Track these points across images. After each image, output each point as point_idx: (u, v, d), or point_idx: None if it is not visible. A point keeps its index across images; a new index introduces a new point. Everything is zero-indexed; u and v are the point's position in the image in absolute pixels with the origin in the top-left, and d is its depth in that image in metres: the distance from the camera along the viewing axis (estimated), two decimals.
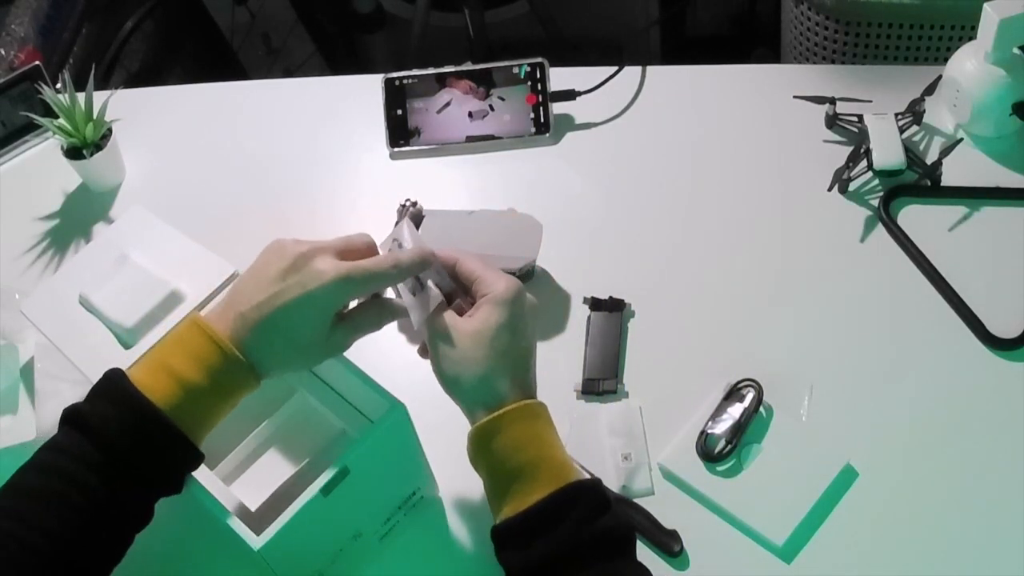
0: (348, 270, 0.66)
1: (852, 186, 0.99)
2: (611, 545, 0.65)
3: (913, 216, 0.96)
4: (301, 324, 0.67)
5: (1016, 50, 0.96)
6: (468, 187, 1.08)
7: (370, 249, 0.71)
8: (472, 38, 1.72)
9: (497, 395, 0.67)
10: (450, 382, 0.70)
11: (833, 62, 1.38)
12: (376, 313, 0.72)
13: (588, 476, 0.68)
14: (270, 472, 0.78)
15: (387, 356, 0.94)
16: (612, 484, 0.81)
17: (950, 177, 0.98)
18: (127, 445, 0.65)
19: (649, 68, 1.15)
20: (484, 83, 1.11)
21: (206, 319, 0.68)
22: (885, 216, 0.96)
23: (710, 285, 0.94)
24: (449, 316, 0.70)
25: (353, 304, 0.71)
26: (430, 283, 0.71)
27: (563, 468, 0.67)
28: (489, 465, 0.68)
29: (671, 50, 2.02)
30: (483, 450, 0.67)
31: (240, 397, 0.69)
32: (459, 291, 0.72)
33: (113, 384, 0.67)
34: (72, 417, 0.66)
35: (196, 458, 0.69)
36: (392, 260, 0.69)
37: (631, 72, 1.14)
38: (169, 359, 0.67)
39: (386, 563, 0.80)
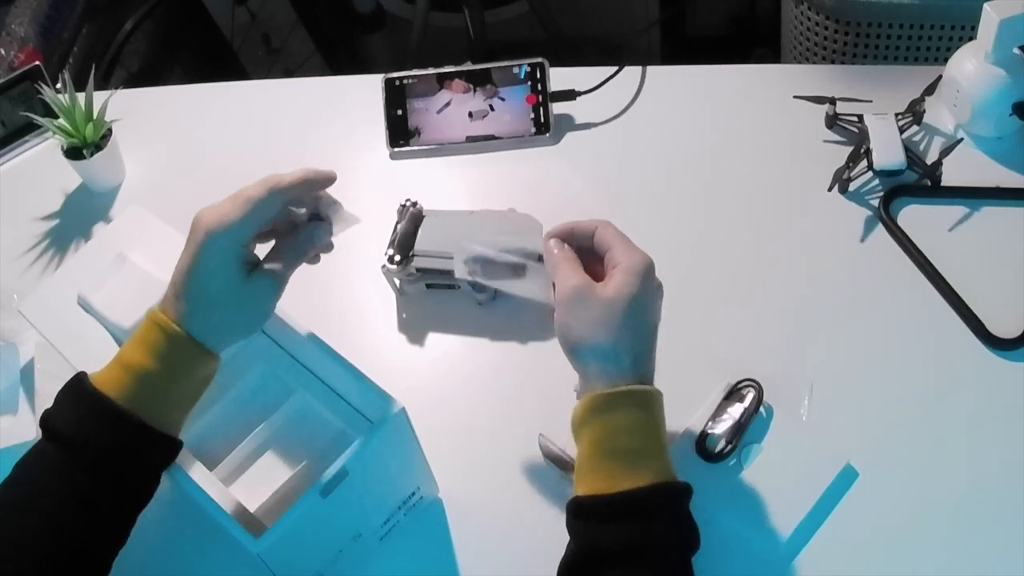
0: (223, 214, 0.68)
1: (852, 186, 0.99)
2: (682, 551, 0.66)
3: (913, 216, 0.96)
4: (209, 277, 0.68)
5: (1016, 50, 0.96)
6: (468, 187, 1.07)
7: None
8: (472, 38, 1.72)
9: (620, 368, 0.68)
10: (573, 346, 0.70)
11: (833, 62, 1.38)
12: (292, 243, 0.73)
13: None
14: (270, 473, 0.78)
15: (387, 356, 0.94)
16: None
17: (950, 177, 0.97)
18: (90, 442, 0.65)
19: (649, 68, 1.15)
20: (484, 83, 1.11)
21: (158, 305, 0.70)
22: (885, 216, 0.96)
23: (710, 285, 0.94)
24: (583, 278, 0.70)
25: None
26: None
27: (668, 464, 0.68)
28: (595, 437, 0.68)
29: (671, 50, 2.02)
30: (593, 422, 0.68)
31: (198, 375, 0.70)
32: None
33: (72, 385, 0.68)
34: (44, 423, 0.68)
35: (167, 446, 0.69)
36: (267, 181, 0.70)
37: (631, 72, 1.14)
38: (123, 351, 0.69)
39: (386, 563, 0.79)
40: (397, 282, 0.97)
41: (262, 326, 0.74)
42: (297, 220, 0.75)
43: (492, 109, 1.10)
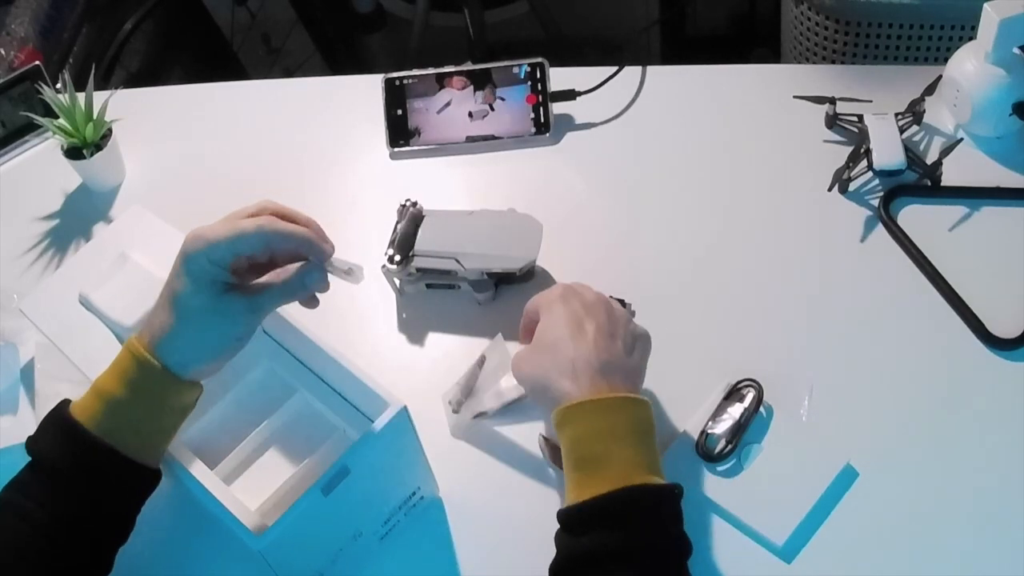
0: (207, 232, 0.67)
1: (852, 186, 0.99)
2: (660, 557, 0.66)
3: (913, 216, 0.96)
4: (180, 291, 0.67)
5: (1016, 50, 0.96)
6: (468, 187, 1.08)
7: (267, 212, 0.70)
8: (472, 38, 1.72)
9: (562, 389, 0.71)
10: (529, 392, 0.77)
11: (833, 62, 1.38)
12: (283, 278, 0.70)
13: (663, 481, 0.69)
14: (270, 472, 0.78)
15: (387, 356, 0.94)
16: None
17: (950, 177, 0.98)
18: (65, 470, 0.66)
19: (649, 68, 1.15)
20: (484, 83, 1.11)
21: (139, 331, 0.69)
22: (885, 216, 0.96)
23: (710, 285, 0.94)
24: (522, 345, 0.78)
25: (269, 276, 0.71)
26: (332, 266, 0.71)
27: (639, 467, 0.68)
28: (564, 452, 0.71)
29: (671, 50, 2.02)
30: (560, 439, 0.71)
31: (172, 403, 0.69)
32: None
33: (53, 412, 0.69)
34: (28, 448, 0.68)
35: (144, 476, 0.68)
36: (264, 221, 0.68)
37: (631, 72, 1.14)
38: (99, 377, 0.68)
39: (386, 563, 0.79)
40: (397, 282, 0.97)
41: (236, 351, 0.71)
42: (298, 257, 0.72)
43: (492, 109, 1.10)
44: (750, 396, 0.83)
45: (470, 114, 1.11)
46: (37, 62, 1.19)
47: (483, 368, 0.86)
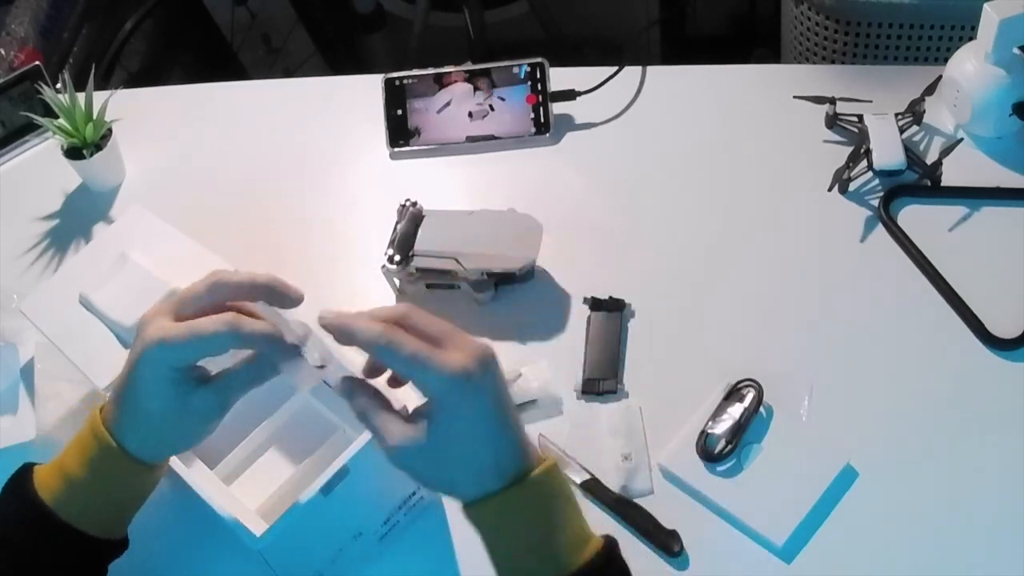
0: (164, 334, 0.60)
1: (852, 186, 0.99)
2: None
3: (913, 216, 0.96)
4: (143, 391, 0.62)
5: (1016, 50, 0.96)
6: (468, 187, 1.08)
7: (234, 290, 0.62)
8: (472, 38, 1.72)
9: (463, 491, 0.60)
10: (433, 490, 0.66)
11: (833, 62, 1.38)
12: (244, 374, 0.64)
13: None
14: (270, 472, 0.78)
15: None
16: (612, 484, 0.81)
17: (950, 177, 0.98)
18: (16, 541, 0.64)
19: (649, 68, 1.15)
20: (484, 83, 1.11)
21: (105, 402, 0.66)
22: (885, 216, 0.96)
23: (710, 285, 0.94)
24: (390, 426, 0.60)
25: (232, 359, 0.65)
26: (306, 354, 0.63)
27: (560, 550, 0.60)
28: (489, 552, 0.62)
29: (671, 50, 2.02)
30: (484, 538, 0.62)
31: (132, 484, 0.66)
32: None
33: (15, 477, 0.67)
34: None
35: (104, 548, 0.67)
36: (225, 322, 0.60)
37: (631, 72, 1.14)
38: (65, 449, 0.66)
39: (386, 563, 0.79)
40: (397, 282, 0.97)
41: (203, 439, 0.66)
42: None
43: (492, 109, 1.10)
44: (750, 396, 0.83)
45: (470, 114, 1.11)
46: (37, 62, 1.19)
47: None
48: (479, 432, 0.59)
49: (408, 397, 0.63)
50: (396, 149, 1.11)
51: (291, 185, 1.10)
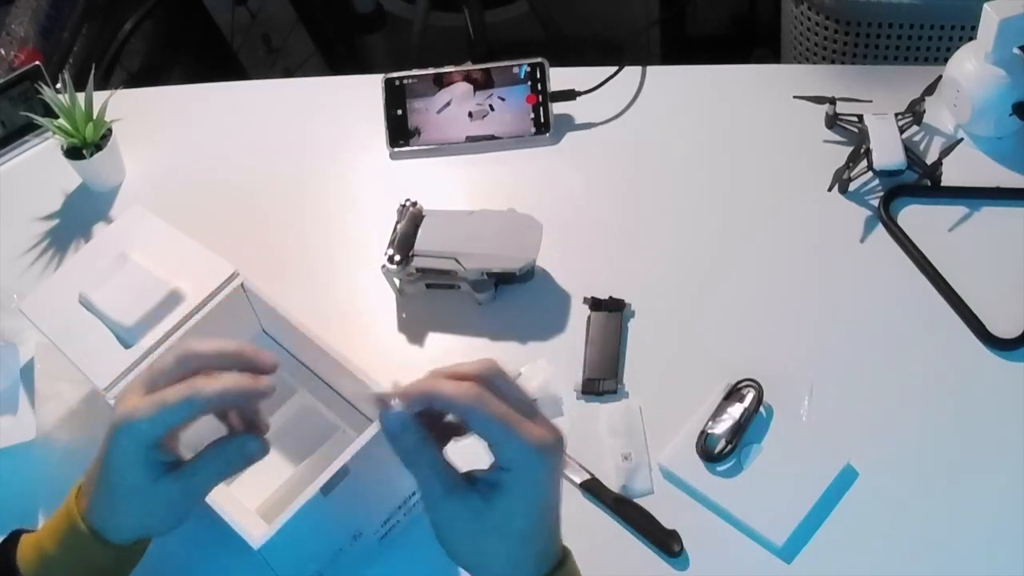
0: (133, 411, 0.60)
1: (852, 186, 0.99)
2: None
3: (913, 216, 0.96)
4: (113, 472, 0.62)
5: (1016, 50, 0.96)
6: (468, 187, 1.08)
7: (211, 358, 0.62)
8: (472, 38, 1.72)
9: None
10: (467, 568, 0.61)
11: (833, 62, 1.38)
12: (212, 461, 0.63)
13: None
14: (270, 471, 0.78)
15: (387, 356, 0.94)
16: (612, 484, 0.81)
17: (950, 177, 0.97)
18: None
19: (649, 68, 1.15)
20: (484, 83, 1.11)
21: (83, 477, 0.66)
22: (885, 216, 0.96)
23: (710, 285, 0.94)
24: (450, 482, 0.58)
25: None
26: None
27: None
28: None
29: (671, 50, 2.02)
30: None
31: (103, 564, 0.65)
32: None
33: (3, 546, 0.67)
34: None
35: None
36: (187, 386, 0.60)
37: (631, 72, 1.14)
38: (45, 524, 0.67)
39: (386, 563, 0.79)
40: (397, 282, 0.97)
41: (176, 528, 0.65)
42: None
43: (492, 109, 1.10)
44: (750, 396, 0.83)
45: (470, 114, 1.11)
46: (37, 62, 1.19)
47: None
48: (540, 510, 0.58)
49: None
50: (396, 149, 1.11)
51: (291, 185, 1.10)
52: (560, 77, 1.11)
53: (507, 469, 0.57)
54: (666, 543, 0.77)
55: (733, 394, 0.84)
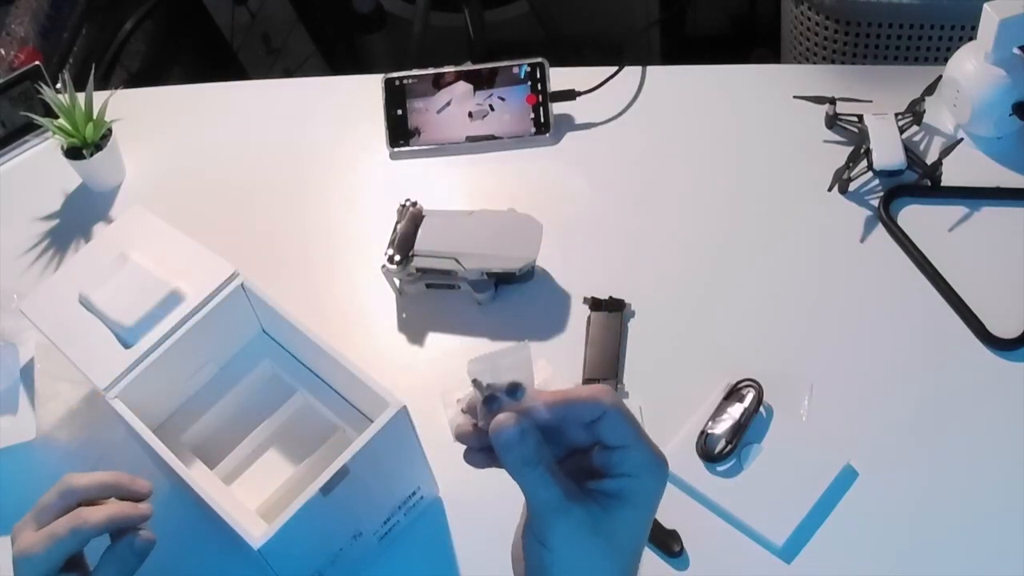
0: (27, 547, 0.65)
1: (852, 186, 0.99)
2: None
3: (913, 216, 0.96)
4: None
5: (1016, 50, 0.96)
6: (468, 187, 1.08)
7: (95, 489, 0.68)
8: (472, 38, 1.72)
9: None
10: None
11: (833, 62, 1.38)
12: (108, 567, 0.67)
13: None
14: (270, 471, 0.78)
15: (387, 356, 0.94)
16: None
17: (950, 177, 0.97)
18: None
19: (649, 68, 1.15)
20: (484, 83, 1.11)
21: None
22: (885, 216, 0.96)
23: (710, 285, 0.94)
24: (565, 499, 0.53)
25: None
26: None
27: None
28: None
29: (671, 50, 2.02)
30: None
31: None
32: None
33: None
34: None
35: None
36: (71, 519, 0.65)
37: (631, 72, 1.14)
38: None
39: (386, 563, 0.80)
40: (397, 282, 0.97)
41: None
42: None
43: (492, 109, 1.10)
44: (750, 396, 0.83)
45: (470, 114, 1.11)
46: (37, 62, 1.19)
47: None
48: (647, 527, 0.54)
49: None
50: (396, 149, 1.11)
51: (291, 185, 1.10)
52: (560, 77, 1.11)
53: (633, 476, 0.53)
54: (666, 543, 0.77)
55: (733, 394, 0.84)
